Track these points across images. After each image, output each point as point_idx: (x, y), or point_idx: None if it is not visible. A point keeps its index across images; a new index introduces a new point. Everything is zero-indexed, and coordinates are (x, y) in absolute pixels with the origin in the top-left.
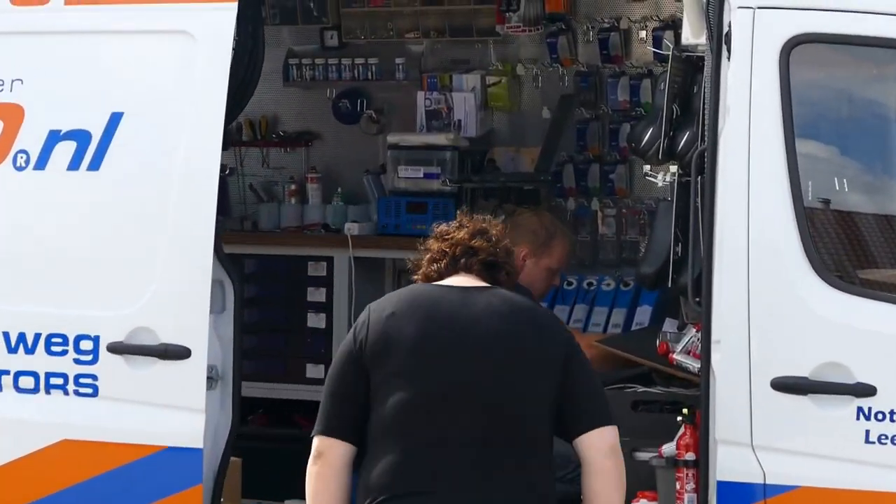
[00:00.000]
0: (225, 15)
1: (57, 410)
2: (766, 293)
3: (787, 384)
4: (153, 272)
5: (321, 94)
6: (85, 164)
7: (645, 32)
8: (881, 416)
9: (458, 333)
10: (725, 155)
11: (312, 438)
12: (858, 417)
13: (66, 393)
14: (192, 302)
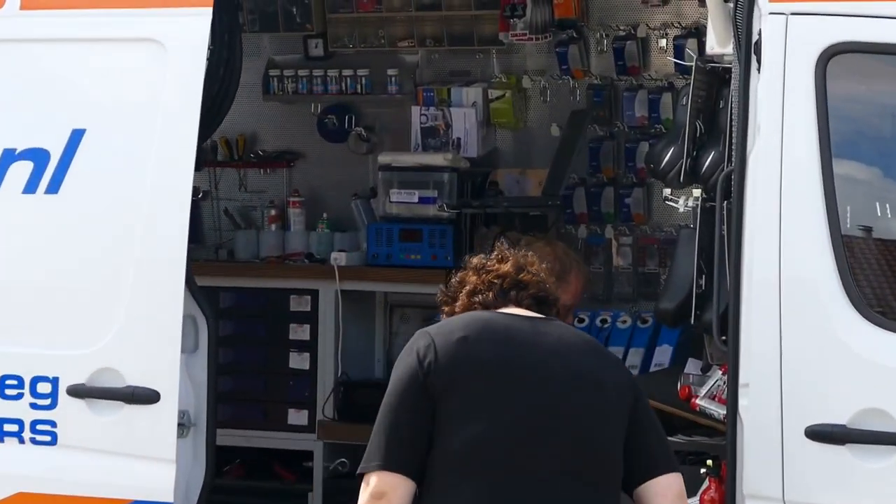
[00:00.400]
0: (198, 21)
1: (11, 460)
2: (799, 331)
3: (822, 433)
4: (118, 307)
5: (305, 109)
6: (42, 186)
7: (665, 41)
8: None
9: (540, 360)
10: (755, 178)
11: (363, 475)
12: None
13: (21, 441)
14: (161, 340)
